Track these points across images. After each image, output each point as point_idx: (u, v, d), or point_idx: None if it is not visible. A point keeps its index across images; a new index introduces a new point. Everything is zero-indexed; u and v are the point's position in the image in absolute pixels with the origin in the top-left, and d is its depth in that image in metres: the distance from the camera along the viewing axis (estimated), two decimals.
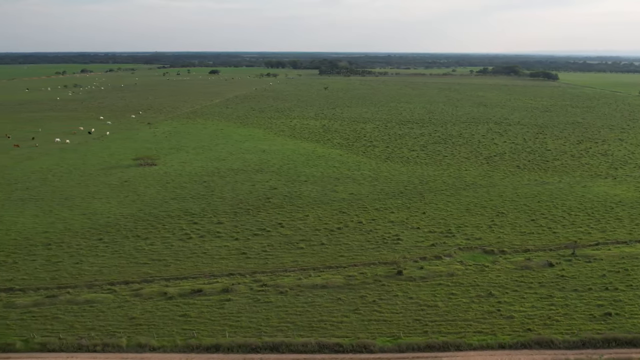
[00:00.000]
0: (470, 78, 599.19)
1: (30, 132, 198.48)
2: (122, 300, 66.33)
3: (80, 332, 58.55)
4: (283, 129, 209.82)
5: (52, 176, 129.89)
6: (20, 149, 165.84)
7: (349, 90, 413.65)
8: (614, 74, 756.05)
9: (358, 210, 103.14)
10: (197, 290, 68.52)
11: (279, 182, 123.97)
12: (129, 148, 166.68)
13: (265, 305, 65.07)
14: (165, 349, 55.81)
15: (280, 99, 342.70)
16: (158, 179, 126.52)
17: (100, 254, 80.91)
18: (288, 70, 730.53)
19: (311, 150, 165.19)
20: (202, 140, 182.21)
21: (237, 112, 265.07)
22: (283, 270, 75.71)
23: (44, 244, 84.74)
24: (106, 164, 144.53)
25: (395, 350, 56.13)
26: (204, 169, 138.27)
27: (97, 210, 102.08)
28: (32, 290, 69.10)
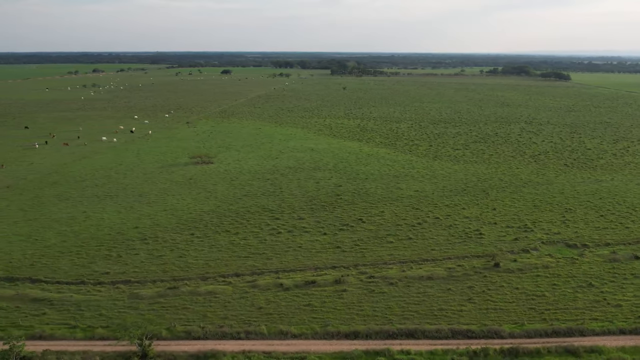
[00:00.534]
0: (482, 78, 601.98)
1: (71, 131, 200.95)
2: (242, 291, 68.81)
3: (215, 321, 61.13)
4: (320, 128, 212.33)
5: (115, 174, 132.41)
6: (70, 148, 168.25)
7: (367, 91, 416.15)
8: (622, 74, 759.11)
9: (429, 207, 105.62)
10: (311, 282, 71.00)
11: (341, 180, 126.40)
12: (178, 147, 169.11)
13: (381, 295, 67.58)
14: (307, 335, 58.35)
15: (302, 98, 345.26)
16: (222, 177, 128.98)
17: (199, 248, 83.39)
18: (299, 71, 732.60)
19: (357, 149, 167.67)
20: (246, 139, 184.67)
21: (267, 112, 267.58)
22: (383, 263, 78.21)
23: (140, 239, 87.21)
24: (163, 162, 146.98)
25: (524, 335, 58.66)
26: (261, 166, 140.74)
27: (176, 207, 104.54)
28: (148, 282, 71.60)
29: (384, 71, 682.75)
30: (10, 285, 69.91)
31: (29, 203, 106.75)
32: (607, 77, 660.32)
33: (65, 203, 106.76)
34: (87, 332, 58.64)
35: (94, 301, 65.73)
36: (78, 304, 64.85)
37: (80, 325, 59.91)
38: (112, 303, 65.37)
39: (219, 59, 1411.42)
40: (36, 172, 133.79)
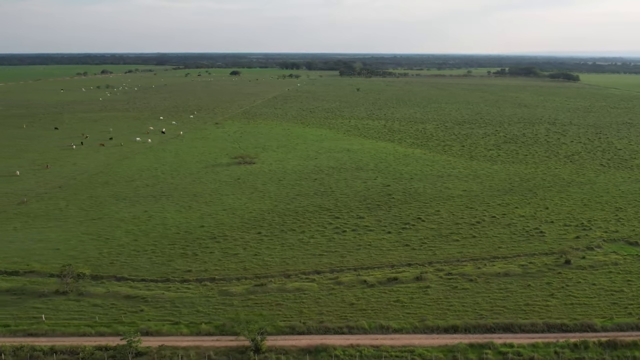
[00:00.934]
0: (490, 79, 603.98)
1: (101, 132, 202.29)
2: (327, 288, 70.32)
3: (311, 317, 62.60)
4: (348, 129, 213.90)
5: (162, 174, 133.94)
6: (107, 148, 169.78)
7: (380, 92, 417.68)
8: (628, 75, 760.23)
9: (482, 206, 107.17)
10: (393, 279, 72.57)
11: (387, 180, 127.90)
12: (214, 147, 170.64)
13: (465, 292, 69.10)
14: (407, 330, 59.88)
15: (320, 99, 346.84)
16: (268, 177, 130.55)
17: (271, 247, 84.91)
18: (307, 72, 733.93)
19: (392, 149, 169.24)
20: (278, 139, 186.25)
21: (289, 113, 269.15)
22: (455, 261, 79.74)
23: (209, 237, 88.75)
24: (205, 162, 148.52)
25: (616, 329, 60.25)
26: (303, 167, 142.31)
27: (234, 206, 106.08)
28: (233, 279, 72.97)
29: (392, 72, 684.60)
30: (97, 283, 71.36)
31: (87, 203, 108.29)
32: (614, 78, 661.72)
33: (123, 203, 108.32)
34: (192, 328, 60.11)
35: (186, 298, 67.25)
36: (172, 301, 66.36)
37: (183, 321, 61.47)
38: (205, 300, 66.89)
39: (222, 59, 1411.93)
40: (83, 172, 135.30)
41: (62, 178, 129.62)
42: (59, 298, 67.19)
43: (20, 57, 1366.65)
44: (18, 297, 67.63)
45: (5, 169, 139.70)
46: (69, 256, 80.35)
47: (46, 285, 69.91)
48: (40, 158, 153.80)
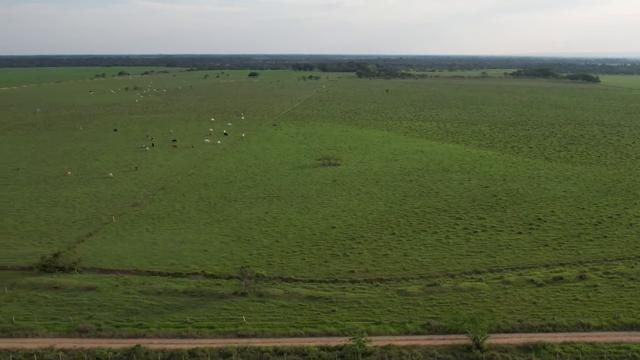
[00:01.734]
0: (509, 80, 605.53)
1: (163, 134, 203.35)
2: (498, 287, 71.33)
3: (504, 315, 63.72)
4: (405, 130, 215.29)
5: (254, 175, 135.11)
6: (181, 150, 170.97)
7: (408, 93, 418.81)
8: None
9: (591, 207, 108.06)
10: (558, 278, 73.81)
11: (481, 181, 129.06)
12: (287, 149, 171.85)
13: (634, 290, 70.20)
14: (607, 327, 61.05)
15: (354, 101, 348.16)
16: (364, 178, 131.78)
17: (415, 247, 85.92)
18: (327, 74, 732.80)
19: (463, 151, 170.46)
20: (344, 141, 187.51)
21: (334, 114, 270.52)
22: (603, 260, 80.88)
23: (350, 238, 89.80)
24: (289, 163, 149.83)
25: None
26: (390, 168, 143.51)
27: (349, 207, 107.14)
28: (401, 279, 73.84)
29: (411, 74, 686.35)
30: (268, 284, 71.90)
31: (202, 204, 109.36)
32: (632, 79, 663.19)
33: (237, 204, 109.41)
34: (398, 327, 61.05)
35: (369, 298, 68.30)
36: (357, 301, 67.45)
37: (384, 321, 62.54)
38: (388, 300, 67.98)
39: (228, 61, 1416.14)
40: (175, 174, 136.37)
41: (158, 180, 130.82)
42: (241, 299, 68.18)
43: (30, 59, 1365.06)
44: (199, 298, 68.69)
45: (94, 171, 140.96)
46: (222, 257, 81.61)
47: (225, 286, 71.09)
48: (121, 160, 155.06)
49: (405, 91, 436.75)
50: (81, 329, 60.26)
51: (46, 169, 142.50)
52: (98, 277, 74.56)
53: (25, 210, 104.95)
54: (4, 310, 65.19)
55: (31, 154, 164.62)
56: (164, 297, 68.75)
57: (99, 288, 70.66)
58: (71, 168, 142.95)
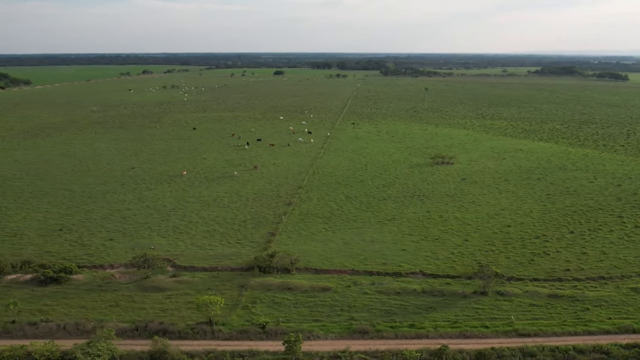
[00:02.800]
0: (538, 78, 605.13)
1: (244, 133, 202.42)
2: None
3: None
4: (484, 129, 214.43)
5: (379, 174, 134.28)
6: (279, 148, 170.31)
7: (449, 92, 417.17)
8: None
9: None
10: None
11: (608, 180, 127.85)
12: (387, 148, 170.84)
13: None
14: None
15: (402, 99, 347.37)
16: (490, 177, 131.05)
17: (606, 245, 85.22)
18: (349, 72, 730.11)
19: (563, 149, 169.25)
20: (434, 139, 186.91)
21: (395, 112, 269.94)
22: None
23: (535, 237, 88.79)
24: (403, 162, 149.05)
25: None
26: (505, 166, 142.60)
27: (505, 206, 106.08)
28: (624, 278, 73.54)
29: (437, 72, 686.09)
30: (498, 283, 71.12)
31: (355, 203, 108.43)
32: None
33: (391, 202, 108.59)
34: None
35: (610, 297, 67.45)
36: (602, 300, 66.66)
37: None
38: (631, 298, 67.39)
39: (236, 59, 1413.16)
40: (297, 172, 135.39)
41: (285, 178, 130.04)
42: (484, 298, 67.53)
43: (26, 58, 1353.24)
44: (442, 298, 67.77)
45: (212, 170, 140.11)
46: (426, 256, 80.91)
47: (465, 286, 70.53)
48: (228, 158, 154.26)
49: (444, 89, 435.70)
50: (359, 330, 59.72)
51: (161, 168, 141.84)
52: (322, 277, 73.92)
53: (182, 209, 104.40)
54: (255, 310, 64.56)
55: (130, 152, 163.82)
56: (406, 297, 68.14)
57: (334, 289, 70.20)
58: (183, 167, 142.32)
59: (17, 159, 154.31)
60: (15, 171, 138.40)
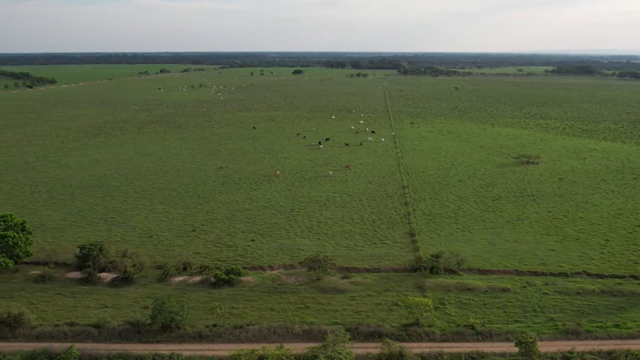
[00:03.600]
0: (556, 78, 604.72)
1: (305, 132, 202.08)
2: None
3: None
4: (543, 129, 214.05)
5: (473, 173, 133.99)
6: (355, 148, 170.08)
7: (476, 91, 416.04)
8: None
9: None
10: None
11: None
12: (463, 147, 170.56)
13: None
14: None
15: (438, 98, 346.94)
16: (585, 176, 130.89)
17: None
18: (374, 71, 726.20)
19: (631, 149, 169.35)
20: (501, 139, 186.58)
21: (442, 112, 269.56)
22: None
23: None
24: (487, 162, 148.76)
25: None
26: (590, 167, 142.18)
27: (627, 207, 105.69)
28: None
29: (456, 71, 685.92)
30: None
31: (470, 203, 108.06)
32: None
33: (507, 202, 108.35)
34: None
35: None
36: None
37: None
38: None
39: (243, 58, 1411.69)
40: (390, 172, 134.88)
41: (383, 177, 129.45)
42: None
43: (47, 57, 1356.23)
44: (626, 298, 67.37)
45: (308, 170, 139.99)
46: (578, 257, 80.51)
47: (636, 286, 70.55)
48: (310, 158, 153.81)
49: (472, 89, 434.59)
50: (571, 330, 59.51)
51: (250, 168, 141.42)
52: (491, 278, 73.59)
53: (302, 209, 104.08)
54: (448, 311, 64.17)
55: (207, 152, 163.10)
56: (587, 297, 67.77)
57: (511, 289, 69.97)
58: (273, 167, 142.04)
59: (96, 159, 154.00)
60: (105, 171, 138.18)
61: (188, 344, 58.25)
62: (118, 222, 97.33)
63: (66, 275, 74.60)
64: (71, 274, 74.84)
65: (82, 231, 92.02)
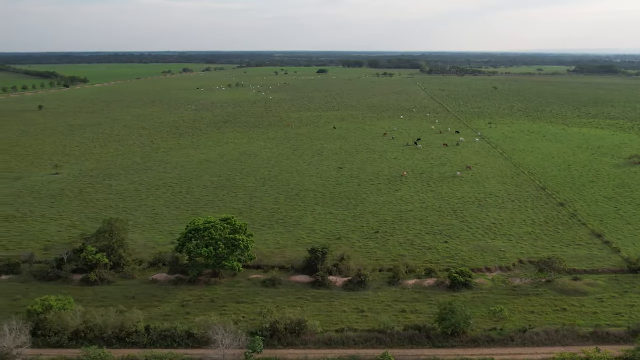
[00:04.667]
0: (583, 77, 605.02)
1: (390, 131, 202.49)
2: None
3: None
4: (622, 128, 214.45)
5: (598, 172, 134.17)
6: (455, 147, 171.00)
7: (514, 91, 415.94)
8: None
9: None
10: None
11: None
12: (562, 148, 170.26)
13: None
14: None
15: (485, 98, 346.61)
16: None
17: None
18: (399, 70, 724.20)
19: None
20: (591, 140, 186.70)
21: (504, 112, 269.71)
22: None
23: None
24: (600, 162, 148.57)
25: None
26: None
27: None
28: None
29: (481, 70, 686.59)
30: None
31: (627, 205, 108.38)
32: None
33: None
34: None
35: None
36: None
37: None
38: None
39: (250, 57, 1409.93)
40: (515, 173, 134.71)
41: (510, 178, 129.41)
42: None
43: (58, 56, 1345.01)
44: None
45: (427, 170, 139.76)
46: None
47: None
48: (419, 158, 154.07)
49: (509, 89, 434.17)
50: None
51: (368, 168, 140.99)
52: None
53: (463, 210, 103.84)
54: None
55: (312, 152, 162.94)
56: None
57: None
58: (387, 167, 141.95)
59: (205, 159, 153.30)
60: (227, 171, 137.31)
61: (472, 348, 57.99)
62: (291, 223, 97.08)
63: (292, 278, 74.47)
64: (297, 277, 74.69)
65: (263, 233, 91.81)
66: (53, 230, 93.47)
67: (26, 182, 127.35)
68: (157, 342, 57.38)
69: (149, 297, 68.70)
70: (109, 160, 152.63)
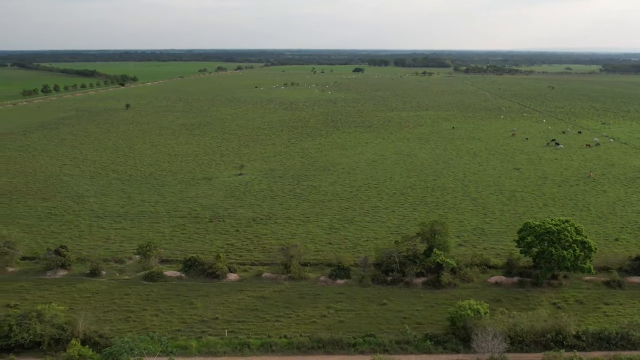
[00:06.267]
0: (621, 76, 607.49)
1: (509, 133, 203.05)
2: None
3: None
4: None
5: None
6: (597, 148, 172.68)
7: (569, 91, 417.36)
8: None
9: None
10: None
11: None
12: None
13: None
14: None
15: (553, 99, 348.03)
16: None
17: None
18: (437, 69, 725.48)
19: None
20: None
21: (586, 111, 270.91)
22: None
23: None
24: None
25: None
26: None
27: None
28: None
29: (518, 69, 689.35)
30: None
31: None
32: None
33: None
34: None
35: None
36: None
37: None
38: None
39: (260, 55, 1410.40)
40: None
41: None
42: None
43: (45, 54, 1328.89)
44: None
45: (574, 173, 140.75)
46: None
47: None
48: (570, 160, 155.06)
49: (563, 89, 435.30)
50: None
51: (543, 168, 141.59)
52: None
53: None
54: None
55: (465, 152, 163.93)
56: None
57: None
58: (555, 168, 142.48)
59: (373, 159, 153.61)
60: (418, 173, 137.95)
61: None
62: None
63: (628, 279, 74.87)
64: (633, 278, 75.12)
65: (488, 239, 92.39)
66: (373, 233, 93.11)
67: (235, 180, 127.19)
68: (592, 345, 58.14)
69: (512, 301, 69.10)
70: (277, 161, 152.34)
